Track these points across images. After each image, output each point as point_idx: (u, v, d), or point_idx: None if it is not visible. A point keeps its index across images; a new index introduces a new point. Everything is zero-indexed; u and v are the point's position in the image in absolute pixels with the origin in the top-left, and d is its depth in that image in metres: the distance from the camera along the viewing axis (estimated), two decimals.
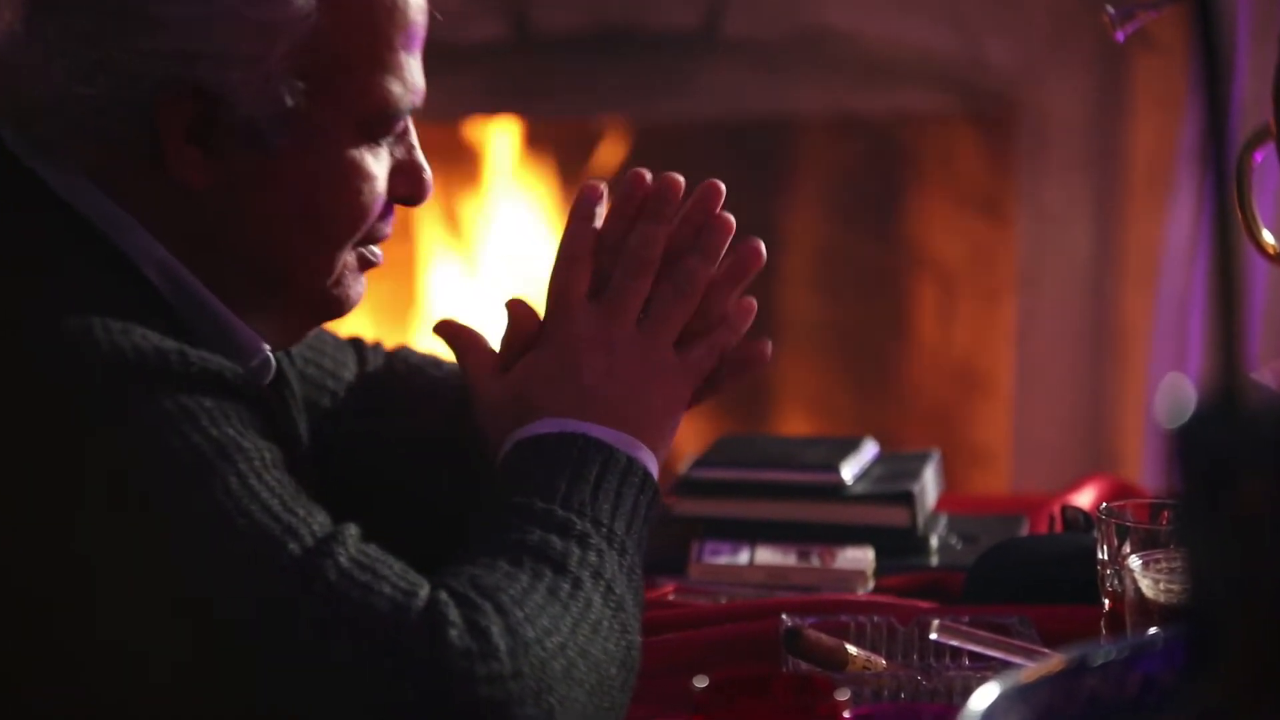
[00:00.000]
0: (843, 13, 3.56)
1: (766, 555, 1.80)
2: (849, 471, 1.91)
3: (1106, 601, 1.47)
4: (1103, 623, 1.48)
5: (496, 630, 1.21)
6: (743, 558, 1.79)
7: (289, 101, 1.33)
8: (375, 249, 1.45)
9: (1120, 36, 1.63)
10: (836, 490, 1.89)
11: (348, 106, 1.36)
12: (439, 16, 1.43)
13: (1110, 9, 1.63)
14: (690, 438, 4.13)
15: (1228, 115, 0.79)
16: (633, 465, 1.37)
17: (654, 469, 1.39)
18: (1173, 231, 3.41)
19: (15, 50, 1.34)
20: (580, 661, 1.24)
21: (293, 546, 1.20)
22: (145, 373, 1.22)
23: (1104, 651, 1.04)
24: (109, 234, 1.34)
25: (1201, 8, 0.78)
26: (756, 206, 4.22)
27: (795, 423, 4.25)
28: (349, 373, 1.67)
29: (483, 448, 1.43)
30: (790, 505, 1.89)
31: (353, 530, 1.24)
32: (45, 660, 1.20)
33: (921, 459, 1.98)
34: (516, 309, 1.48)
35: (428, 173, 1.44)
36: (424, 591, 1.22)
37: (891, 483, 1.90)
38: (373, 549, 1.24)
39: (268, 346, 1.42)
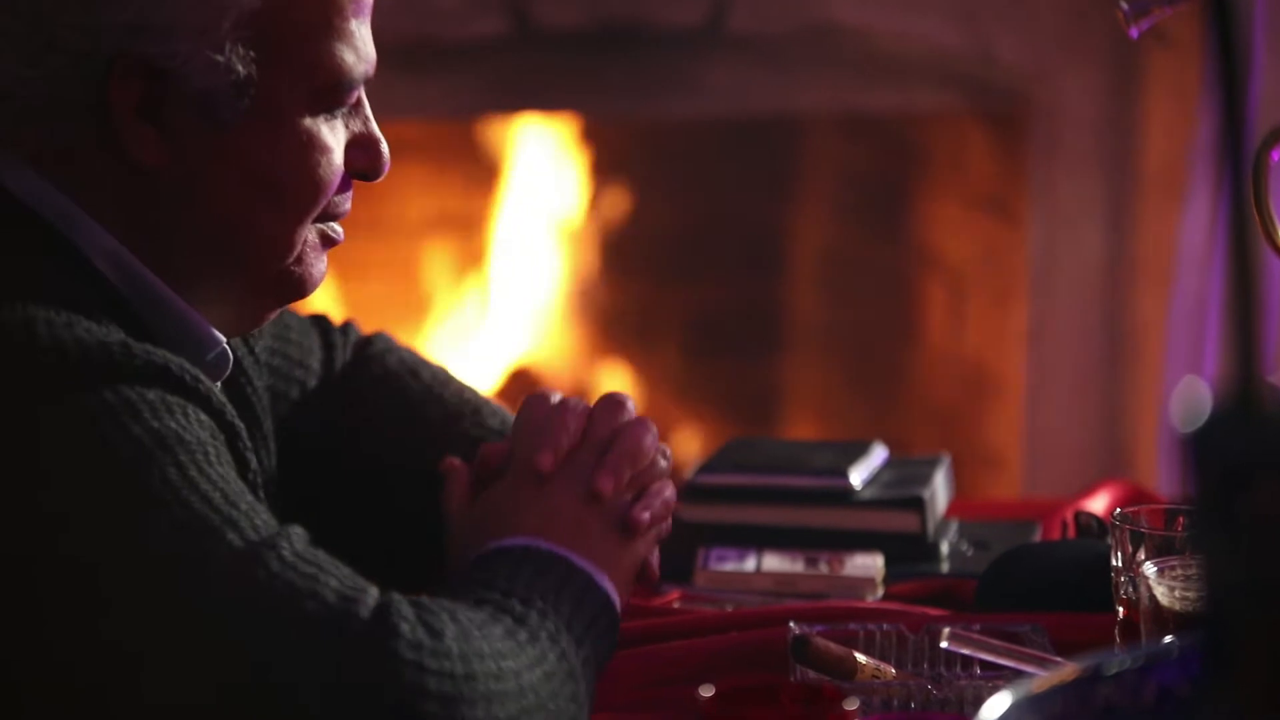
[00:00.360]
0: (850, 8, 3.56)
1: (774, 562, 1.80)
2: (858, 476, 1.91)
3: (1121, 609, 1.47)
4: (1117, 631, 1.48)
5: (450, 634, 1.21)
6: (749, 564, 1.80)
7: (241, 72, 1.34)
8: (336, 226, 1.45)
9: (1134, 33, 1.63)
10: (845, 495, 1.89)
11: (301, 76, 1.36)
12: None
13: (1124, 4, 1.63)
14: (696, 442, 4.13)
15: (1244, 112, 0.79)
16: (595, 585, 1.36)
17: (616, 601, 1.38)
18: (1188, 232, 3.41)
19: None
20: (531, 695, 1.24)
21: (232, 537, 1.19)
22: (87, 365, 1.23)
23: (1118, 660, 1.04)
24: (57, 225, 1.34)
25: (1217, 3, 0.78)
26: (762, 206, 4.23)
27: (803, 427, 4.25)
28: (315, 359, 1.67)
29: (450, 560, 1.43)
30: (798, 511, 1.89)
31: (298, 531, 1.24)
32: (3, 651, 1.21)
33: (932, 463, 1.98)
34: (486, 450, 1.47)
35: (384, 145, 1.44)
36: (374, 591, 1.22)
37: (901, 488, 1.90)
38: (320, 553, 1.23)
39: (224, 339, 1.42)
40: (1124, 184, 3.64)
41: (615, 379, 4.24)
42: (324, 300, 3.68)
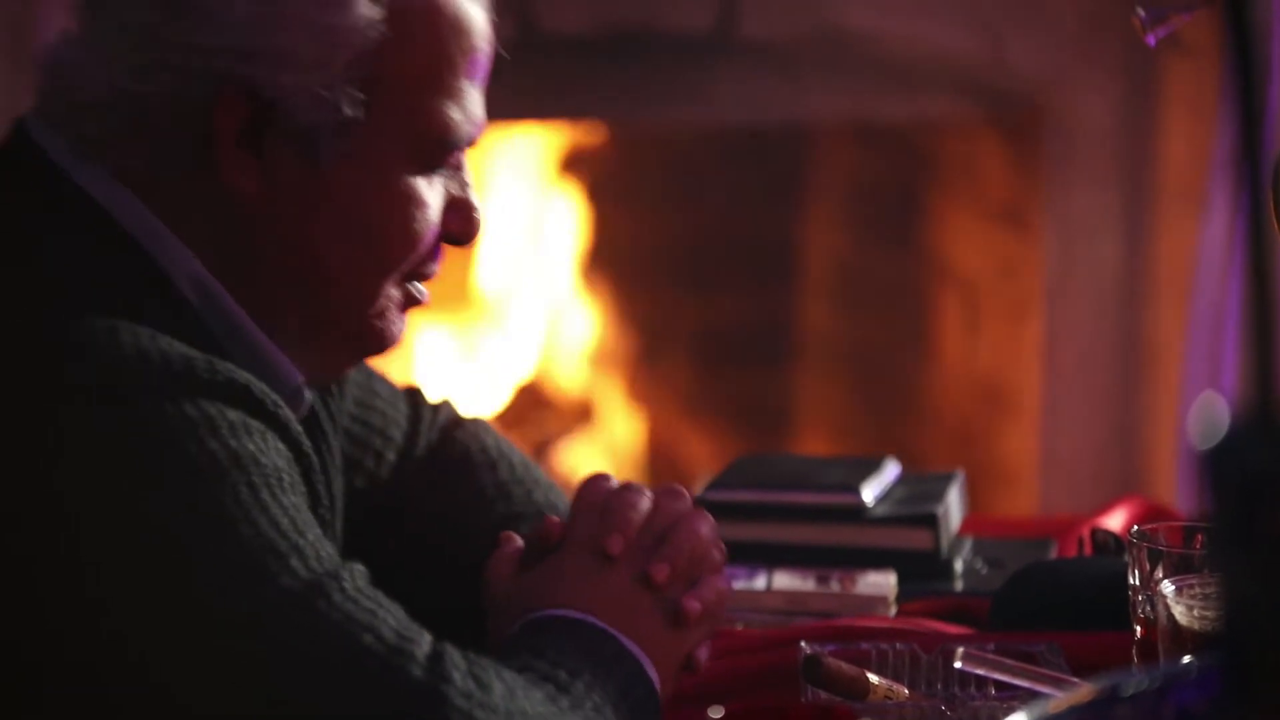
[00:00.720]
0: (862, 14, 3.56)
1: (784, 580, 1.80)
2: (870, 493, 1.91)
3: (1138, 628, 1.47)
4: (1134, 651, 1.48)
5: (498, 690, 1.22)
6: (760, 583, 1.79)
7: (347, 112, 1.35)
8: (421, 287, 1.46)
9: (1151, 40, 1.63)
10: (857, 512, 1.89)
11: (405, 126, 1.38)
12: (504, 53, 1.45)
13: (1141, 11, 1.63)
14: (706, 458, 4.13)
15: (1263, 121, 0.79)
16: (642, 672, 1.36)
17: (659, 689, 1.37)
18: (1206, 243, 3.41)
19: (70, 49, 1.37)
20: None
21: (296, 564, 1.21)
22: (170, 376, 1.24)
23: (1136, 681, 1.04)
24: (143, 243, 1.35)
25: (1234, 10, 0.78)
26: (772, 217, 4.23)
27: (814, 442, 4.25)
28: (399, 430, 1.67)
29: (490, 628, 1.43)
30: (809, 528, 1.89)
31: (360, 569, 1.25)
32: (48, 659, 1.22)
33: (945, 480, 1.98)
34: (549, 523, 1.46)
35: (480, 212, 1.46)
36: (429, 637, 1.23)
37: (914, 504, 1.90)
38: (380, 593, 1.25)
39: (301, 377, 1.42)
40: (1141, 194, 3.64)
41: (623, 393, 4.24)
42: None
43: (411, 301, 1.45)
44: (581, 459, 4.22)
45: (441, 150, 1.40)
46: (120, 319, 1.26)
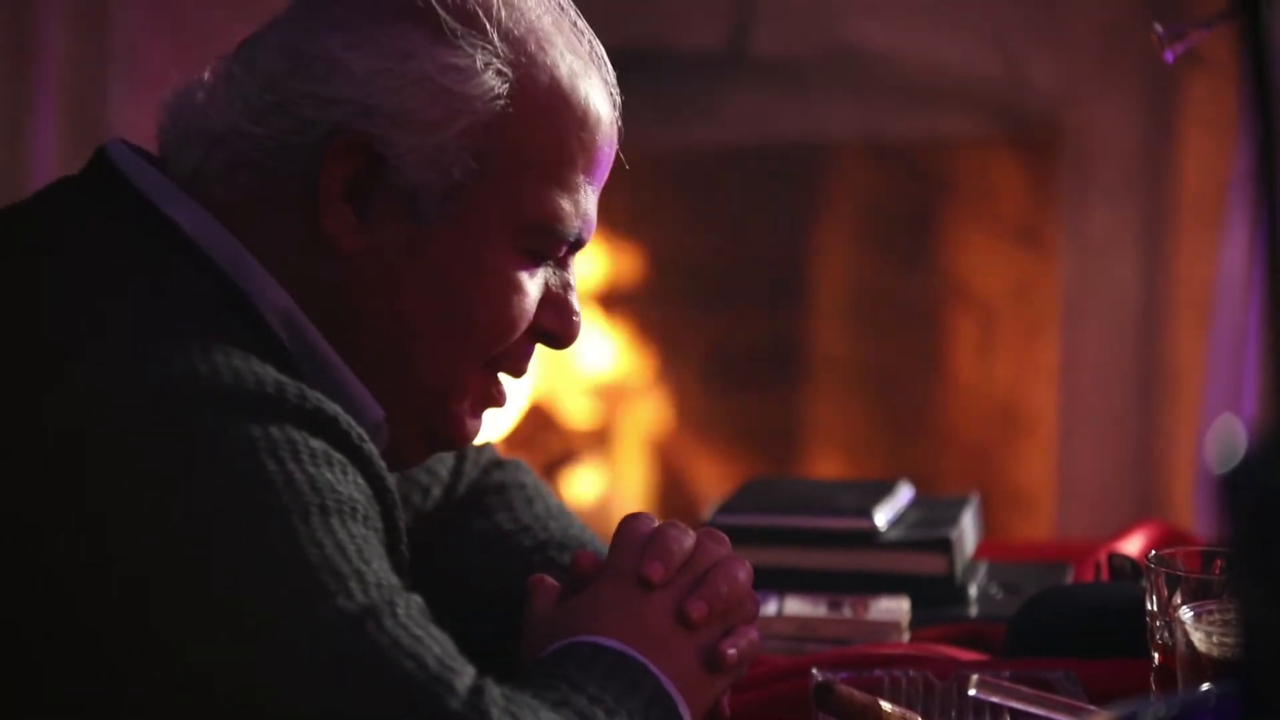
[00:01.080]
0: (876, 31, 3.56)
1: (796, 606, 1.80)
2: (883, 517, 1.90)
3: (1156, 655, 1.47)
4: (1152, 678, 1.47)
5: None
6: (770, 608, 1.79)
7: (456, 177, 1.36)
8: (503, 388, 1.46)
9: (1170, 56, 1.63)
10: (869, 537, 1.89)
11: (514, 206, 1.39)
12: (625, 165, 1.45)
13: (1159, 27, 1.63)
14: (715, 481, 4.13)
15: None
16: (676, 714, 1.36)
17: None
18: (1226, 263, 3.41)
19: (199, 92, 1.40)
20: None
21: (355, 586, 1.22)
22: (260, 397, 1.25)
23: (1154, 709, 1.04)
24: (230, 273, 1.36)
25: (1252, 25, 0.78)
26: (785, 236, 4.23)
27: (826, 464, 4.24)
28: (445, 468, 1.69)
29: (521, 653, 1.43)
30: (821, 553, 1.89)
31: (418, 600, 1.26)
32: (86, 666, 1.22)
33: (960, 503, 1.98)
34: (581, 557, 1.47)
35: (579, 317, 1.46)
36: (472, 670, 1.24)
37: (928, 529, 1.90)
38: (433, 625, 1.25)
39: (383, 413, 1.42)
40: (1159, 213, 3.64)
41: (632, 414, 4.24)
42: None
43: (492, 400, 1.46)
44: (590, 482, 4.22)
45: (548, 239, 1.41)
46: (213, 340, 1.27)
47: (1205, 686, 1.33)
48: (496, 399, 1.47)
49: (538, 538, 1.64)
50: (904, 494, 1.98)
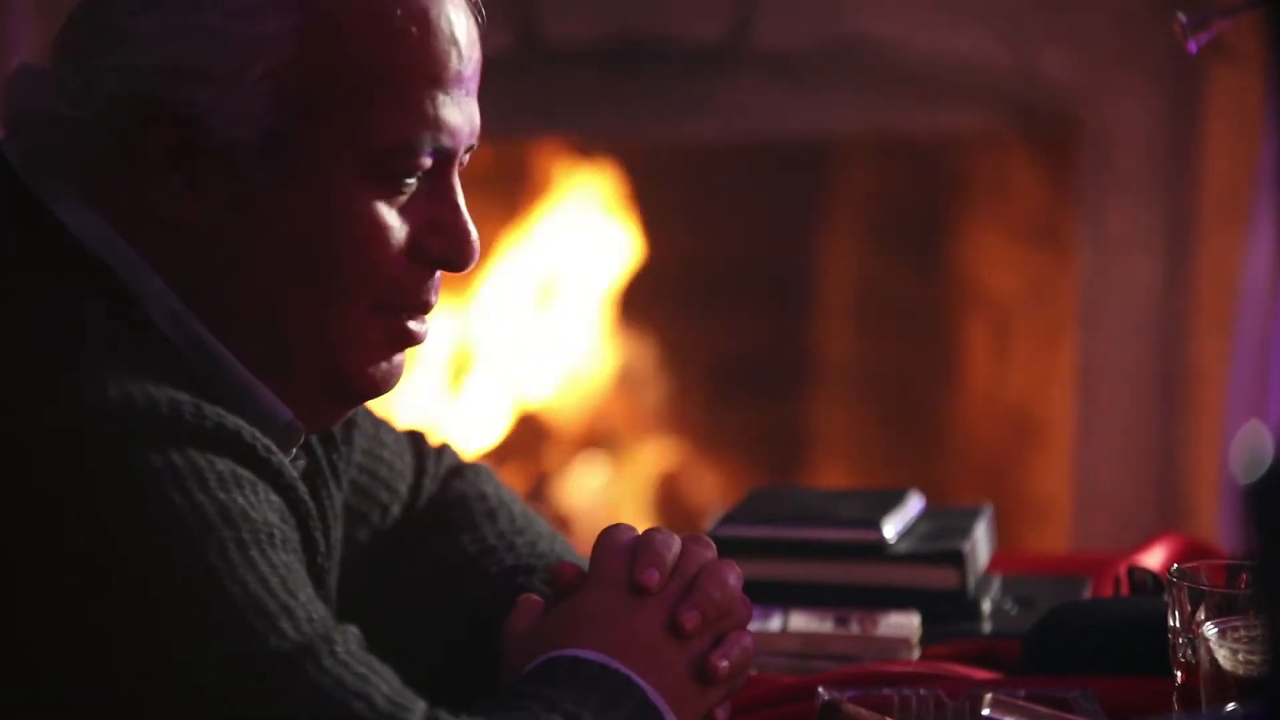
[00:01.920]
0: (884, 22, 3.57)
1: (801, 621, 1.80)
2: (892, 528, 1.90)
3: (1179, 673, 1.47)
4: (1174, 697, 1.47)
5: None
6: (775, 624, 1.79)
7: (270, 125, 1.33)
8: (415, 324, 1.41)
9: (1193, 47, 1.63)
10: (878, 549, 1.88)
11: (346, 138, 1.34)
12: (492, 57, 1.42)
13: (1181, 17, 1.63)
14: (718, 491, 4.13)
15: None
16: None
17: None
18: (1250, 263, 3.41)
19: (24, 76, 1.38)
20: None
21: (286, 626, 1.20)
22: (155, 423, 1.23)
23: None
24: (118, 271, 1.34)
25: (1278, 15, 0.78)
26: (789, 236, 4.24)
27: (833, 474, 4.25)
28: (404, 483, 1.66)
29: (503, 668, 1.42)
30: (827, 565, 1.88)
31: (354, 631, 1.25)
32: (35, 708, 1.21)
33: (972, 514, 1.98)
34: (563, 569, 1.45)
35: (471, 232, 1.40)
36: (423, 705, 1.23)
37: (939, 540, 1.90)
38: (373, 658, 1.24)
39: (290, 411, 1.39)
40: (1181, 211, 3.64)
41: (633, 421, 4.24)
42: None
43: (399, 341, 1.41)
44: (586, 493, 4.22)
45: (400, 161, 1.36)
46: (102, 355, 1.25)
47: (1230, 706, 1.33)
48: (406, 338, 1.41)
49: (504, 562, 1.61)
50: (914, 504, 1.98)
